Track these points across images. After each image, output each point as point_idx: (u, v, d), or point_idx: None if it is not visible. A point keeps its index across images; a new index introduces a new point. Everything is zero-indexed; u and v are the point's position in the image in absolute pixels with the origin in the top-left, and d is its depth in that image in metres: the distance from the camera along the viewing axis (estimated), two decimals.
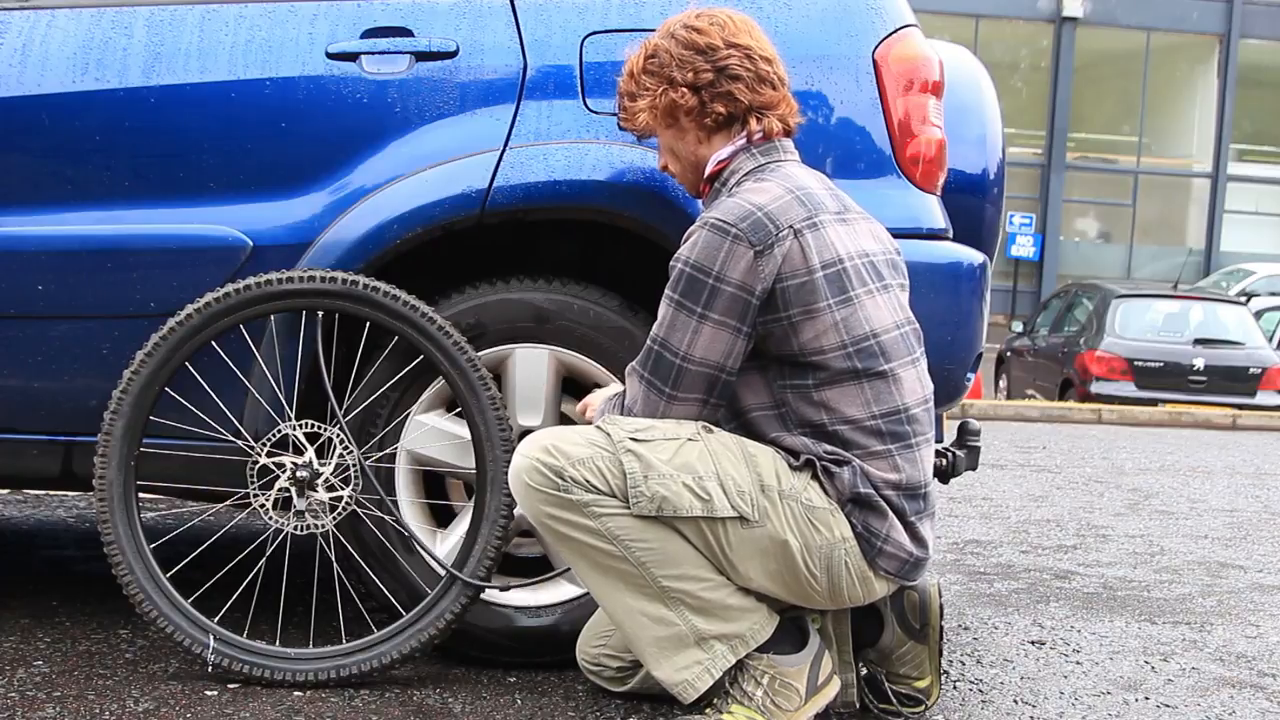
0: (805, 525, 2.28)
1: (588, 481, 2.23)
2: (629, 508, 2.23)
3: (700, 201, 2.53)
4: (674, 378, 2.28)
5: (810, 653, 2.35)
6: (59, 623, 2.99)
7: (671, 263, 2.30)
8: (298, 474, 2.62)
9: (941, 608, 2.56)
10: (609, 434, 2.25)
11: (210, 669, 2.60)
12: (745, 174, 2.40)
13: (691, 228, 2.31)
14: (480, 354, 2.68)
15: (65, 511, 4.41)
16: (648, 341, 2.32)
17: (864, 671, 2.58)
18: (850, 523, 2.30)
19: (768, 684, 2.32)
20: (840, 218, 2.36)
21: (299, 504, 2.62)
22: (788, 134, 2.46)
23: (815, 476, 2.30)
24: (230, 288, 2.60)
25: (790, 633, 2.36)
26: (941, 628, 2.56)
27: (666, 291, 2.30)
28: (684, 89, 2.38)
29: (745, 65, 2.39)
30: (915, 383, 2.38)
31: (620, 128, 2.54)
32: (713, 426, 2.32)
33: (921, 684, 2.56)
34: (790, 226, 2.27)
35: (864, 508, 2.30)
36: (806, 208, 2.31)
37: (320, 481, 2.64)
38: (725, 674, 2.32)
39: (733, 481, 2.24)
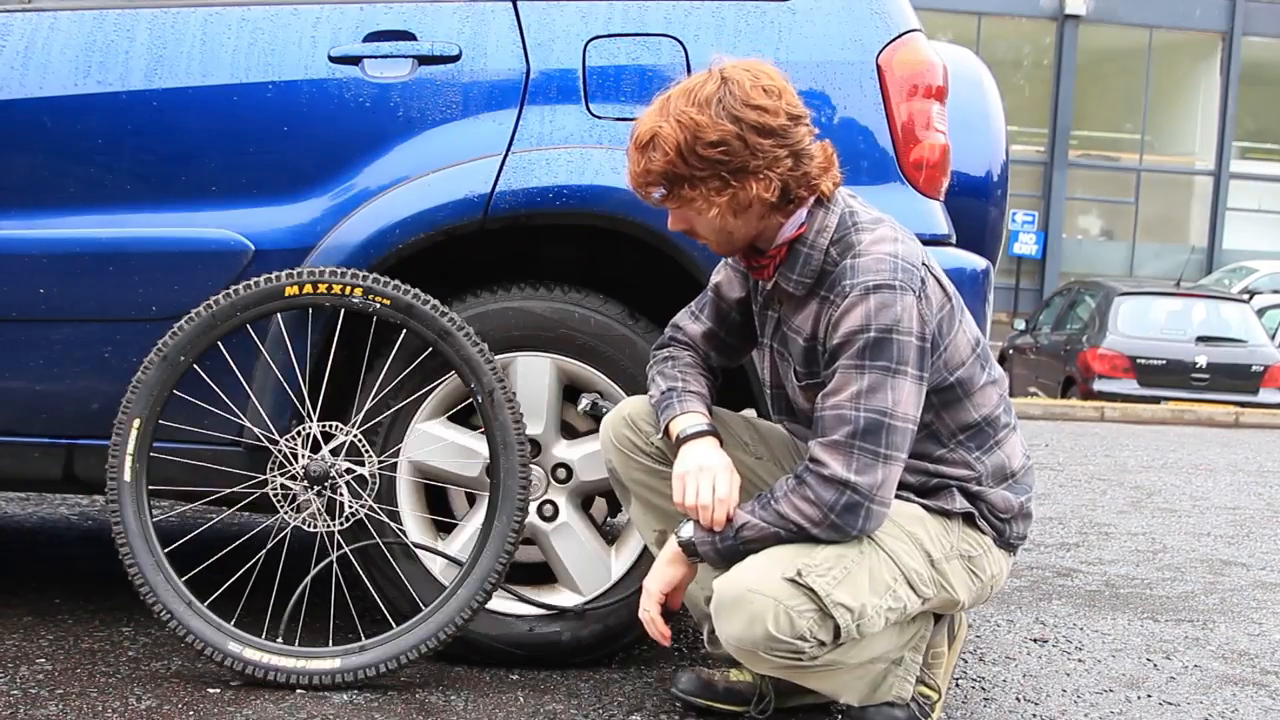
0: (969, 577, 2.38)
1: (817, 640, 2.24)
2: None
3: (758, 264, 2.37)
4: (886, 439, 2.20)
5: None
6: (61, 620, 3.00)
7: (848, 337, 2.21)
8: (311, 468, 2.62)
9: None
10: (814, 589, 2.21)
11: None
12: (838, 228, 2.31)
13: (848, 299, 2.22)
14: None
15: (68, 509, 4.42)
16: (845, 411, 2.21)
17: None
18: (1010, 547, 2.43)
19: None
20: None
21: (313, 499, 2.63)
22: (838, 185, 2.37)
23: (969, 522, 2.37)
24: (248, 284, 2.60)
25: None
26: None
27: (851, 362, 2.21)
28: (767, 182, 2.21)
29: (809, 138, 2.26)
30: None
31: (650, 201, 2.32)
32: None
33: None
34: (923, 263, 2.29)
35: (1026, 517, 2.43)
36: (906, 228, 2.34)
37: (336, 474, 2.64)
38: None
39: (915, 574, 2.30)
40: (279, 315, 2.65)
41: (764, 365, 2.49)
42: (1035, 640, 3.33)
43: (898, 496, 2.32)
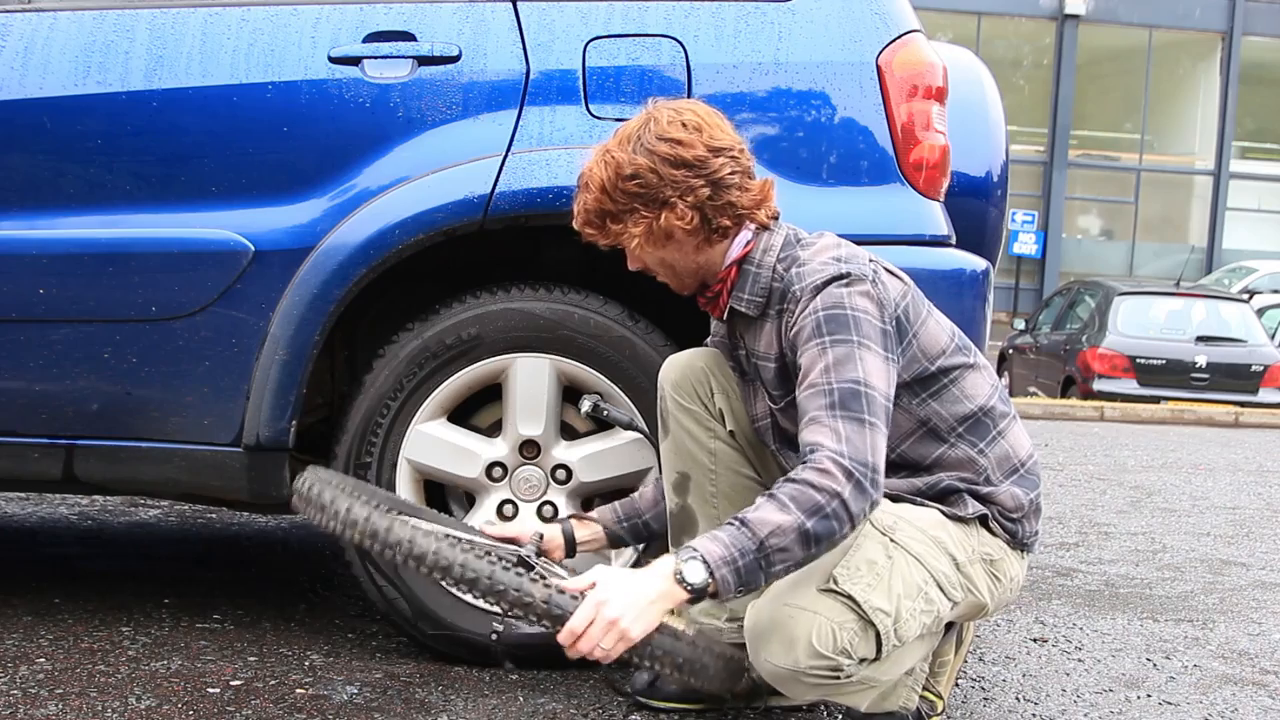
0: (992, 582, 2.35)
1: (858, 658, 2.20)
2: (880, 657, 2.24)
3: (710, 294, 2.39)
4: (867, 406, 2.15)
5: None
6: (61, 620, 3.00)
7: (802, 322, 2.22)
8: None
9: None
10: (852, 595, 2.18)
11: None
12: (783, 247, 2.34)
13: (801, 300, 2.22)
14: (480, 364, 2.69)
15: (68, 509, 4.42)
16: (820, 387, 2.15)
17: None
18: (1024, 547, 2.39)
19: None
20: None
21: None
22: (776, 217, 2.39)
23: (985, 525, 2.35)
24: None
25: None
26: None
27: (812, 343, 2.20)
28: (683, 209, 2.25)
29: (735, 169, 2.28)
30: None
31: (587, 239, 2.35)
32: (891, 524, 2.26)
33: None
34: (869, 259, 2.29)
35: (1037, 513, 2.40)
36: (856, 247, 2.34)
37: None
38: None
39: (944, 576, 2.27)
40: None
41: (752, 402, 2.49)
42: (1035, 640, 3.34)
43: (917, 503, 2.32)
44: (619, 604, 2.01)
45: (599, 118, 2.71)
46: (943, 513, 2.32)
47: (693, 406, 2.53)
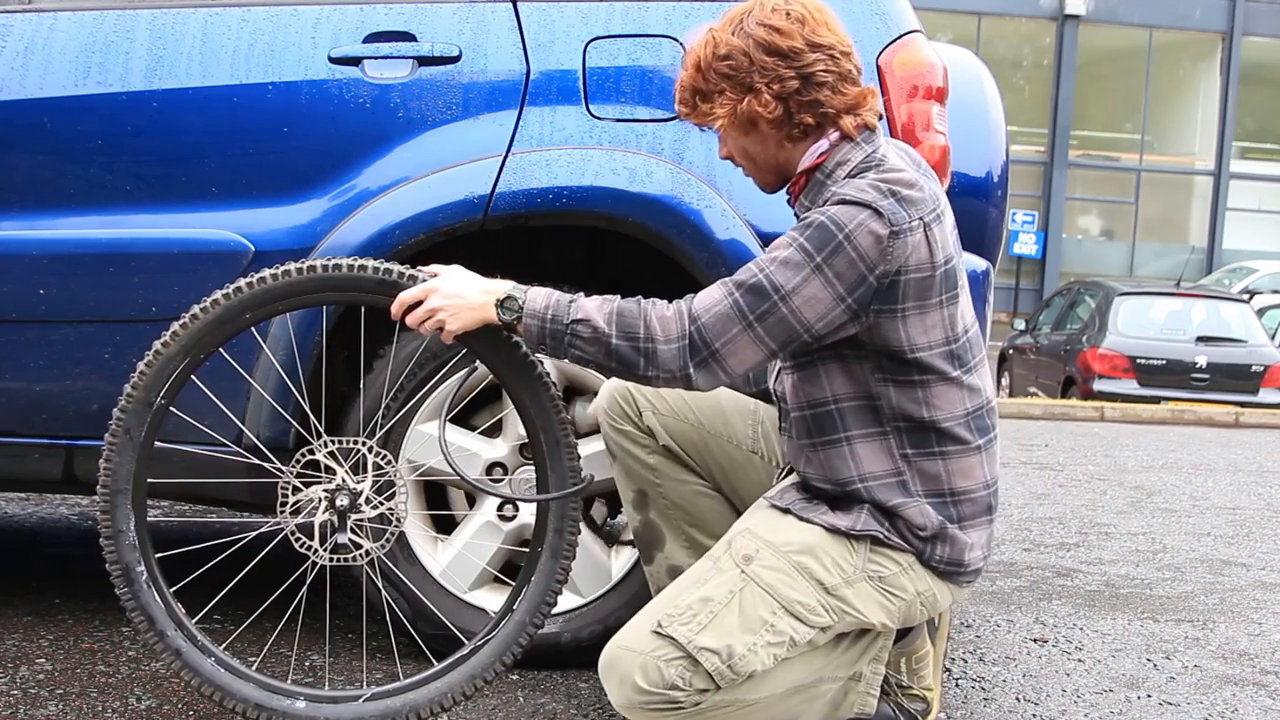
0: (883, 598, 2.26)
1: (694, 689, 2.15)
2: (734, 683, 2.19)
3: (786, 197, 2.36)
4: (763, 311, 2.14)
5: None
6: (61, 620, 3.00)
7: (808, 216, 2.18)
8: (337, 500, 2.38)
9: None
10: (675, 639, 2.15)
11: None
12: (861, 162, 2.25)
13: (829, 205, 2.17)
14: (480, 364, 2.69)
15: (68, 510, 4.42)
16: (753, 265, 2.17)
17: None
18: (931, 567, 2.28)
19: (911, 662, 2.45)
20: (945, 211, 2.29)
21: (341, 537, 2.39)
22: (870, 129, 2.31)
23: (878, 543, 2.26)
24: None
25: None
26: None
27: (792, 232, 2.18)
28: (767, 98, 2.21)
29: (830, 68, 2.22)
30: (990, 378, 2.36)
31: (681, 117, 2.32)
32: (750, 553, 2.22)
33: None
34: (921, 218, 2.18)
35: (954, 543, 2.28)
36: (935, 200, 2.23)
37: (362, 501, 2.40)
38: (885, 686, 2.38)
39: (799, 605, 2.20)
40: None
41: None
42: (1035, 640, 3.34)
43: (806, 503, 2.28)
44: (442, 296, 2.26)
45: (599, 118, 2.71)
46: (826, 529, 2.25)
47: (626, 427, 2.56)
